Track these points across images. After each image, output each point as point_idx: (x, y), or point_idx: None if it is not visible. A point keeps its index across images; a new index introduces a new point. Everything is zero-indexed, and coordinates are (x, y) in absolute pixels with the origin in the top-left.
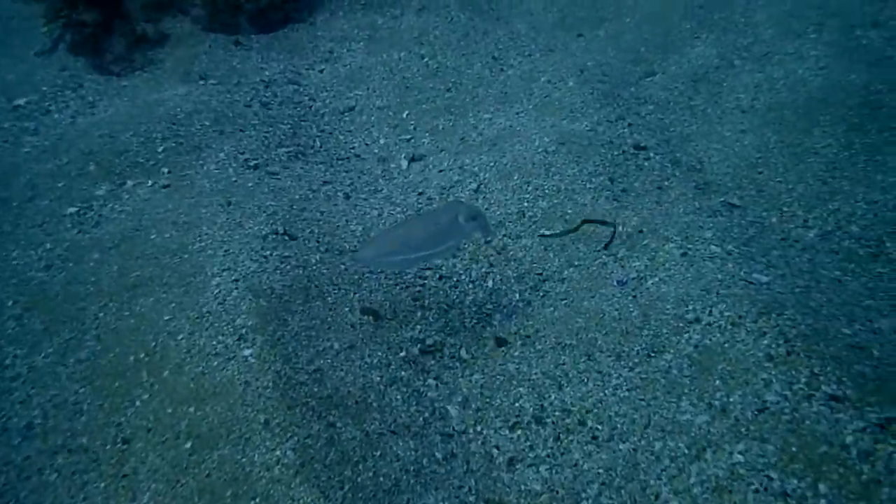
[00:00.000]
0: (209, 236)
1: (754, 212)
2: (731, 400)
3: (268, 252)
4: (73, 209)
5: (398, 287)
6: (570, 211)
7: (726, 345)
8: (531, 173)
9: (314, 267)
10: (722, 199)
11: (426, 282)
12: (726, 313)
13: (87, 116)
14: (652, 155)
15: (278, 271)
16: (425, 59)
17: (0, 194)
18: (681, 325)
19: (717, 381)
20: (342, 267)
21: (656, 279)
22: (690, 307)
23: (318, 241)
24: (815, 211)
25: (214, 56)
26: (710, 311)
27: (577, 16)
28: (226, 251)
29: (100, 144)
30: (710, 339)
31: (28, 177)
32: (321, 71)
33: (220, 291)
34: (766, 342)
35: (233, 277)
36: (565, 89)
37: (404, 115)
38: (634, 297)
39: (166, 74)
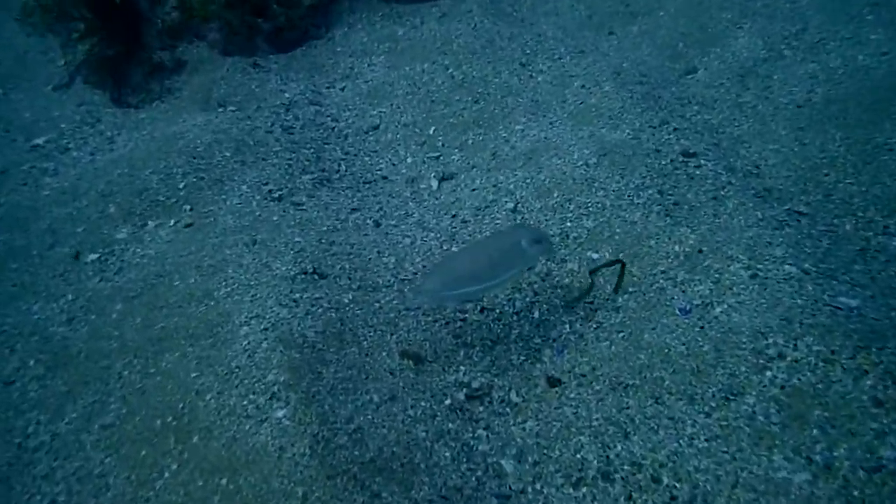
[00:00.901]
0: (235, 280)
1: (825, 220)
2: (836, 455)
3: (297, 295)
4: (94, 255)
5: (437, 324)
6: (618, 230)
7: (820, 386)
8: (572, 189)
9: (347, 308)
10: (787, 208)
11: (467, 316)
12: (815, 347)
13: (105, 153)
14: (703, 162)
15: (309, 316)
16: (450, 70)
17: (19, 242)
18: (761, 361)
19: (815, 431)
20: (377, 305)
21: (725, 306)
22: (771, 340)
23: (349, 278)
24: (894, 217)
25: (232, 80)
26: (795, 345)
27: (605, 12)
28: (253, 296)
29: (119, 184)
30: (800, 379)
31: (48, 222)
32: (342, 89)
33: (248, 343)
34: (869, 383)
35: (262, 326)
36: (601, 94)
37: (431, 131)
38: (702, 328)
39: (184, 103)
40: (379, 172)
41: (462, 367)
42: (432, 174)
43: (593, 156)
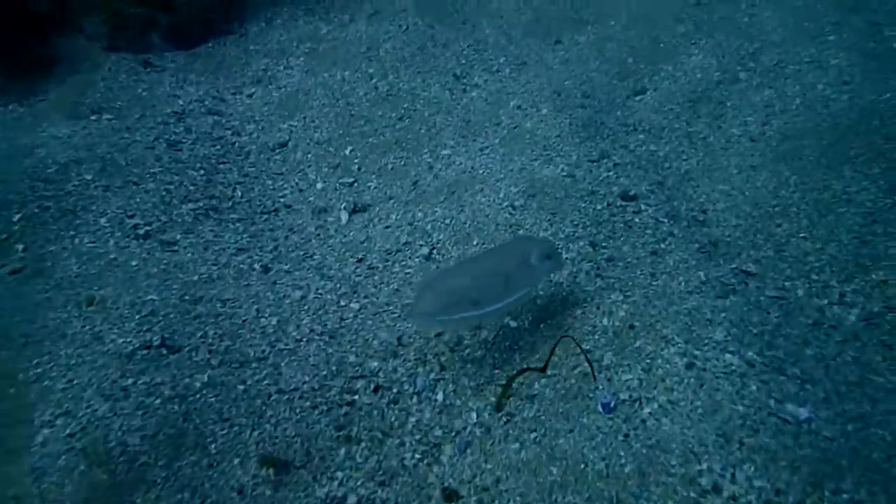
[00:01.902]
0: (52, 357)
1: (775, 282)
2: None
3: (130, 381)
4: None
5: (317, 411)
6: (541, 293)
7: None
8: (493, 237)
9: (198, 395)
10: (734, 266)
11: (356, 398)
12: (756, 482)
13: None
14: (643, 206)
15: (140, 412)
16: (374, 80)
17: None
18: (692, 495)
19: None
20: (241, 388)
21: (655, 406)
22: (705, 465)
23: (210, 351)
24: (854, 281)
25: (114, 82)
26: (734, 476)
27: (554, 17)
28: (70, 382)
29: None
30: None
31: None
32: (250, 96)
33: (42, 458)
34: None
35: (68, 430)
36: (538, 118)
37: (347, 152)
38: (626, 436)
39: (48, 109)
40: (282, 200)
41: (340, 473)
42: (343, 205)
43: (521, 196)
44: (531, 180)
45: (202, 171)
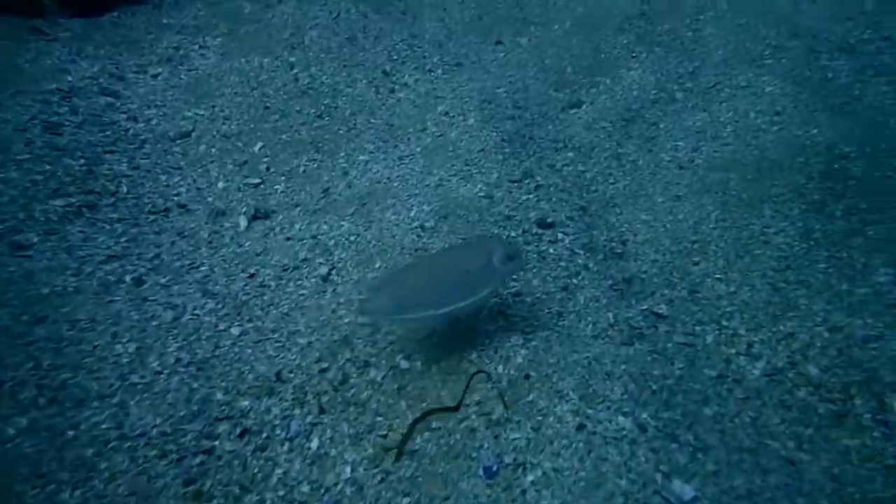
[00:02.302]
0: None
1: (685, 326)
2: None
3: None
4: None
5: (165, 461)
6: (438, 330)
7: None
8: (397, 262)
9: (8, 445)
10: (645, 307)
11: (216, 444)
12: None
13: None
14: (560, 235)
15: None
16: (295, 70)
17: None
18: None
19: None
20: (70, 435)
21: (539, 474)
22: None
23: (40, 386)
24: (762, 331)
25: None
26: None
27: (498, 15)
28: None
29: None
30: None
31: None
32: (155, 76)
33: None
34: None
35: None
36: (464, 128)
37: (257, 149)
38: None
39: None
40: (175, 199)
41: None
42: (244, 209)
43: (433, 216)
44: (446, 199)
45: (83, 161)
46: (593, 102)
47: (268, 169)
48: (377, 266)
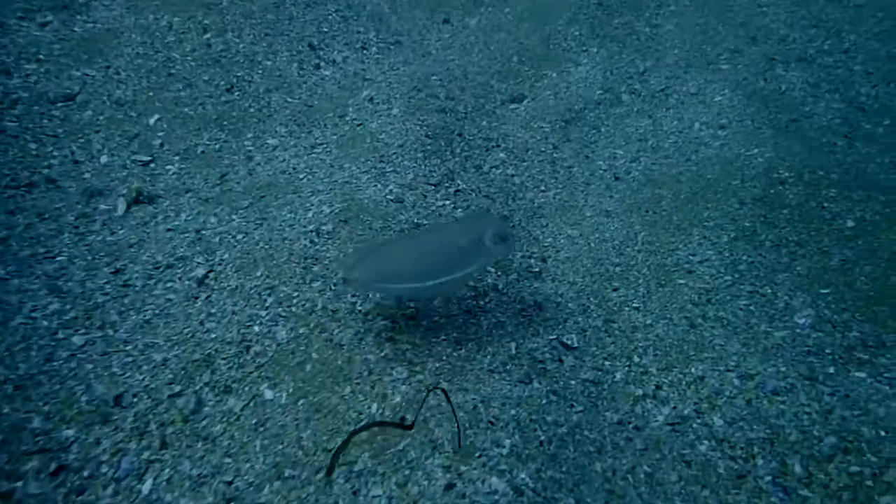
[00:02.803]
0: None
1: (594, 360)
2: None
3: None
4: None
5: None
6: (315, 356)
7: None
8: (282, 271)
9: None
10: (553, 337)
11: (18, 486)
12: None
13: None
14: None
15: None
16: (208, 35)
17: None
18: None
19: None
20: None
21: None
22: None
23: None
24: (673, 372)
25: None
26: None
27: None
28: None
29: None
30: None
31: None
32: (43, 25)
33: None
34: None
35: None
36: (387, 118)
37: (152, 121)
38: None
39: None
40: (45, 171)
41: None
42: (125, 190)
43: (332, 219)
44: (351, 200)
45: None
46: (536, 98)
47: (161, 146)
48: (259, 274)
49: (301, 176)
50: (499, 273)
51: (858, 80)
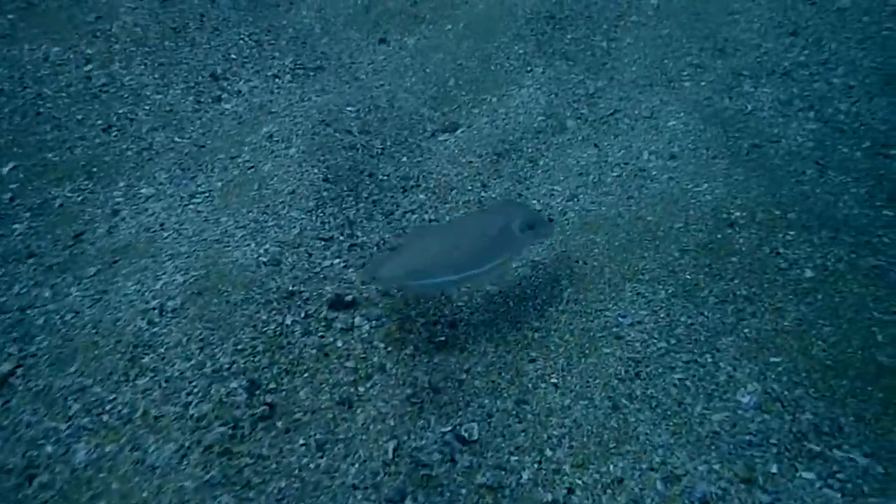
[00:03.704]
0: None
1: (497, 458)
2: None
3: None
4: None
5: None
6: (115, 485)
7: None
8: (102, 364)
9: None
10: (448, 429)
11: None
12: None
13: None
14: (358, 321)
15: None
16: (90, 67)
17: None
18: None
19: None
20: None
21: None
22: None
23: None
24: (589, 471)
25: None
26: None
27: (388, 9)
28: None
29: None
30: None
31: None
32: None
33: None
34: None
35: None
36: (282, 159)
37: (5, 171)
38: None
39: None
40: None
41: None
42: None
43: (182, 292)
44: (212, 265)
45: None
46: (471, 126)
47: (11, 200)
48: (72, 370)
49: (166, 234)
50: (390, 347)
51: (837, 96)
